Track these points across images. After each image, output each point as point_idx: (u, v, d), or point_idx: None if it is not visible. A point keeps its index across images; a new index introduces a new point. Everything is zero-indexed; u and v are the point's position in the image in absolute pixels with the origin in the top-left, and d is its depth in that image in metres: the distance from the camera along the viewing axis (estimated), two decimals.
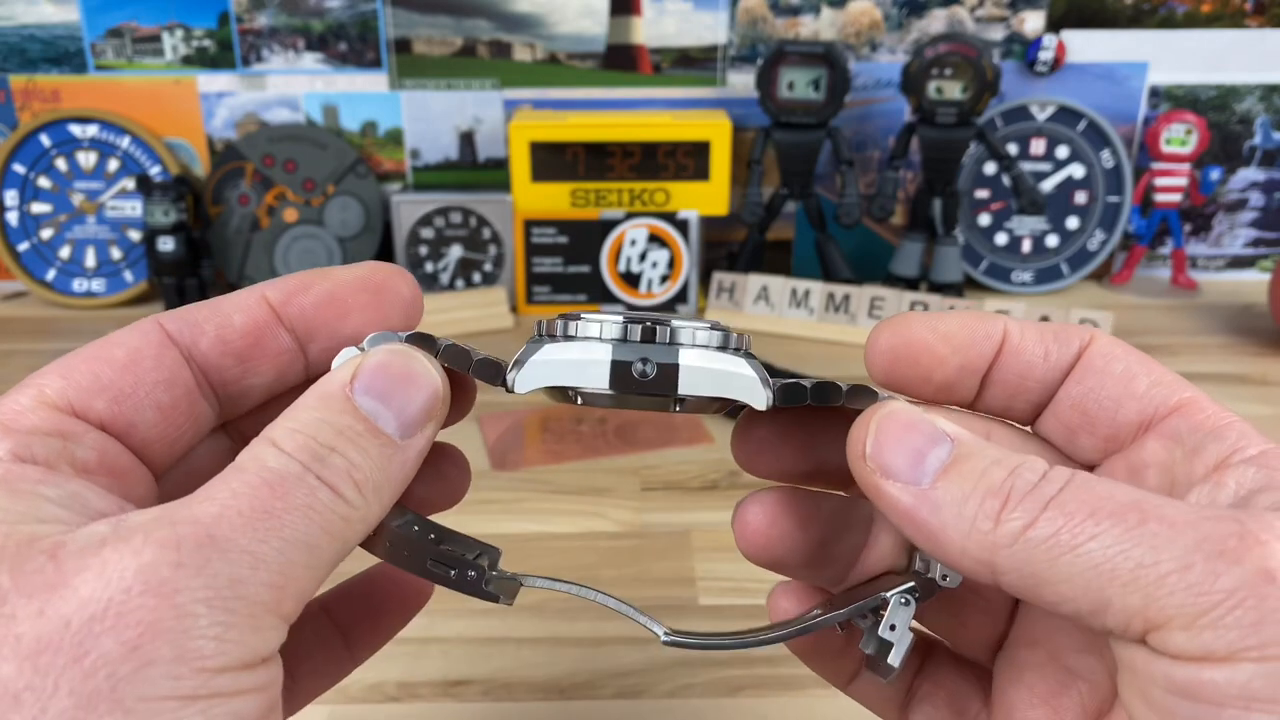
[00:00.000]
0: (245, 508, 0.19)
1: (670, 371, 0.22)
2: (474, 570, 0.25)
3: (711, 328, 0.23)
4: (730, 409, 0.24)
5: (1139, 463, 0.22)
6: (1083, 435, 0.23)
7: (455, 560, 0.25)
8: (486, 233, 0.88)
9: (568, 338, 0.23)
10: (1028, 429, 0.25)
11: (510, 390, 0.23)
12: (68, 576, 0.17)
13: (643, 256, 0.87)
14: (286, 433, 0.20)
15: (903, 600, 0.24)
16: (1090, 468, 0.24)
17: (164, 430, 0.23)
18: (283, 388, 0.25)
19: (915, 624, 0.24)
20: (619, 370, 0.22)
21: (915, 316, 0.25)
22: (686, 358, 0.22)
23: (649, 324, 0.22)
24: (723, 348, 0.23)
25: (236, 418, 0.25)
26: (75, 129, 0.90)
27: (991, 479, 0.20)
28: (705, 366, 0.22)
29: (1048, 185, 0.92)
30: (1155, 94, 0.92)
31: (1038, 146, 0.91)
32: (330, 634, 0.27)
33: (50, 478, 0.20)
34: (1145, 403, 0.23)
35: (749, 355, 0.23)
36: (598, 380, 0.22)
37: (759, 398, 0.23)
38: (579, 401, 0.23)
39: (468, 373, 0.23)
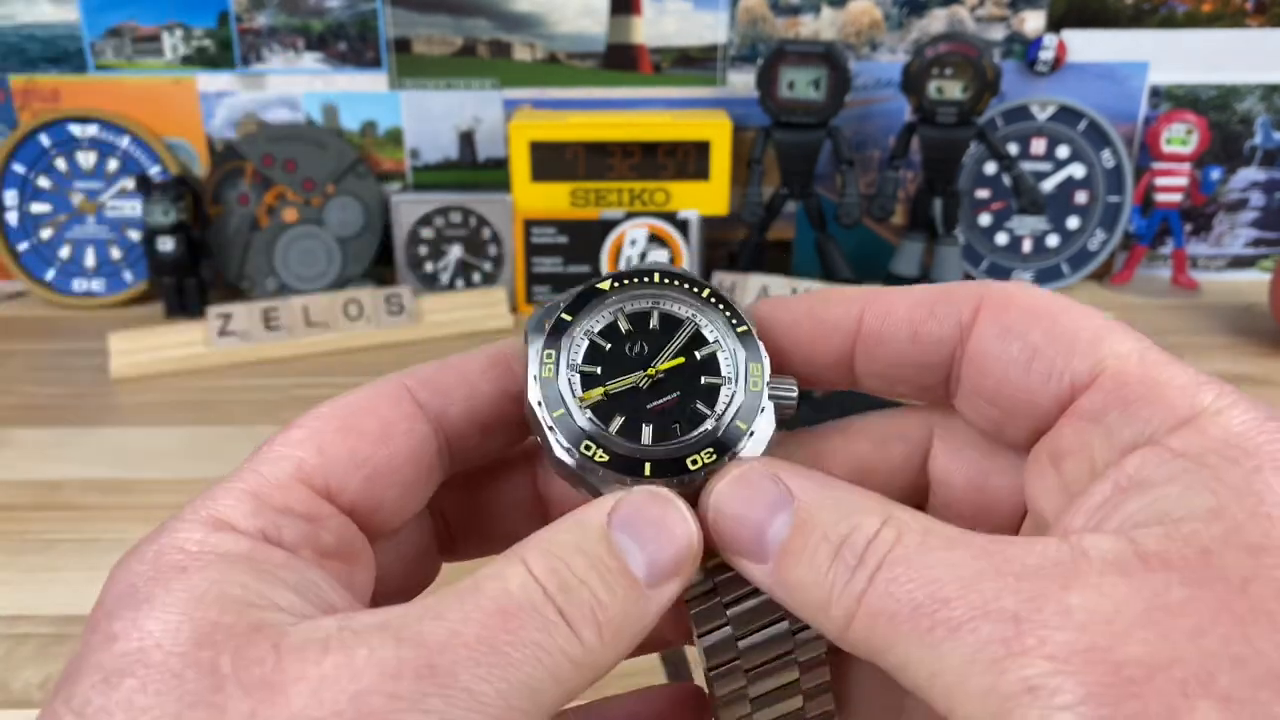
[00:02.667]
0: (473, 638, 0.18)
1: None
2: None
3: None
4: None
5: (1057, 451, 0.21)
6: (1007, 426, 0.22)
7: None
8: (486, 233, 0.88)
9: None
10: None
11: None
12: (286, 680, 0.17)
13: (643, 256, 0.87)
14: (538, 553, 0.19)
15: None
16: (1028, 447, 0.23)
17: (402, 505, 0.23)
18: (504, 451, 0.25)
19: None
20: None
21: (773, 303, 0.24)
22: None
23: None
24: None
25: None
26: (75, 129, 0.90)
27: (818, 567, 0.19)
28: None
29: (1048, 185, 0.92)
30: (1156, 94, 0.92)
31: (1038, 146, 0.91)
32: None
33: (291, 563, 0.20)
34: (1057, 384, 0.21)
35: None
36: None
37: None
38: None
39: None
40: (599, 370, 0.23)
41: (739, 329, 0.23)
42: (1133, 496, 0.19)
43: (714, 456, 0.22)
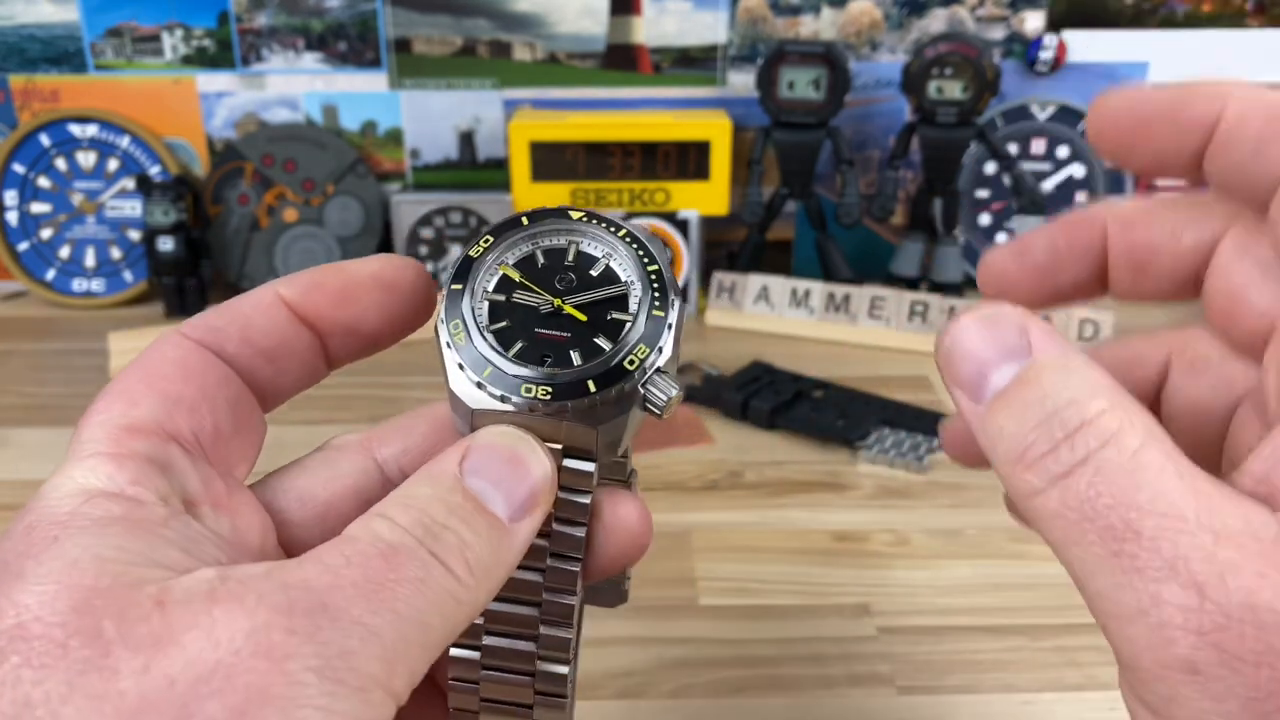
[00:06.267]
0: (359, 578, 0.18)
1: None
2: None
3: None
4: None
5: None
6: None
7: None
8: None
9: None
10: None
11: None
12: (176, 632, 0.17)
13: None
14: (399, 508, 0.20)
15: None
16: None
17: (238, 427, 0.23)
18: (308, 384, 0.25)
19: None
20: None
21: (1125, 93, 0.23)
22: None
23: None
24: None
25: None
26: (75, 129, 0.90)
27: (1024, 421, 0.19)
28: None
29: (1048, 185, 0.92)
30: None
31: (1038, 146, 0.91)
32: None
33: (173, 520, 0.20)
34: None
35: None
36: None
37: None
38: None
39: None
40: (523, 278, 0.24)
41: (655, 310, 0.23)
42: None
43: (549, 395, 0.22)
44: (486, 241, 0.24)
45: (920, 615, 0.50)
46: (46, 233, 0.91)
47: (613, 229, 0.24)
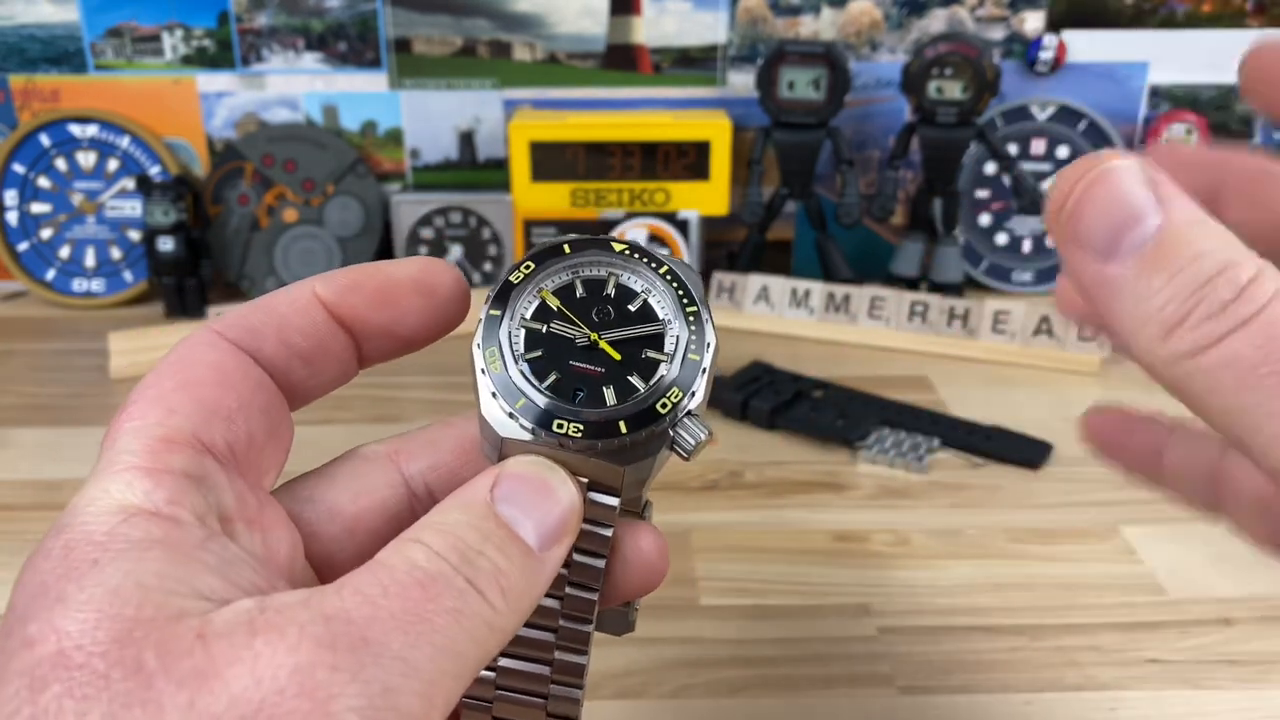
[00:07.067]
0: (398, 609, 0.18)
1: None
2: None
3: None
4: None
5: None
6: None
7: None
8: (486, 233, 0.88)
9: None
10: None
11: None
12: (219, 666, 0.17)
13: None
14: (433, 533, 0.20)
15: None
16: None
17: (270, 434, 0.23)
18: (338, 385, 0.25)
19: None
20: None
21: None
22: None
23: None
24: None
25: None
26: (75, 129, 0.90)
27: (1182, 284, 0.18)
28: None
29: (1048, 185, 0.92)
30: (1156, 94, 0.92)
31: (1038, 146, 0.91)
32: None
33: (210, 542, 0.19)
34: None
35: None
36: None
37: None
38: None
39: None
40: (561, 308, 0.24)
41: (691, 354, 0.23)
42: None
43: (580, 432, 0.22)
44: (527, 268, 0.24)
45: (920, 615, 0.50)
46: (46, 233, 0.91)
47: (653, 264, 0.24)
